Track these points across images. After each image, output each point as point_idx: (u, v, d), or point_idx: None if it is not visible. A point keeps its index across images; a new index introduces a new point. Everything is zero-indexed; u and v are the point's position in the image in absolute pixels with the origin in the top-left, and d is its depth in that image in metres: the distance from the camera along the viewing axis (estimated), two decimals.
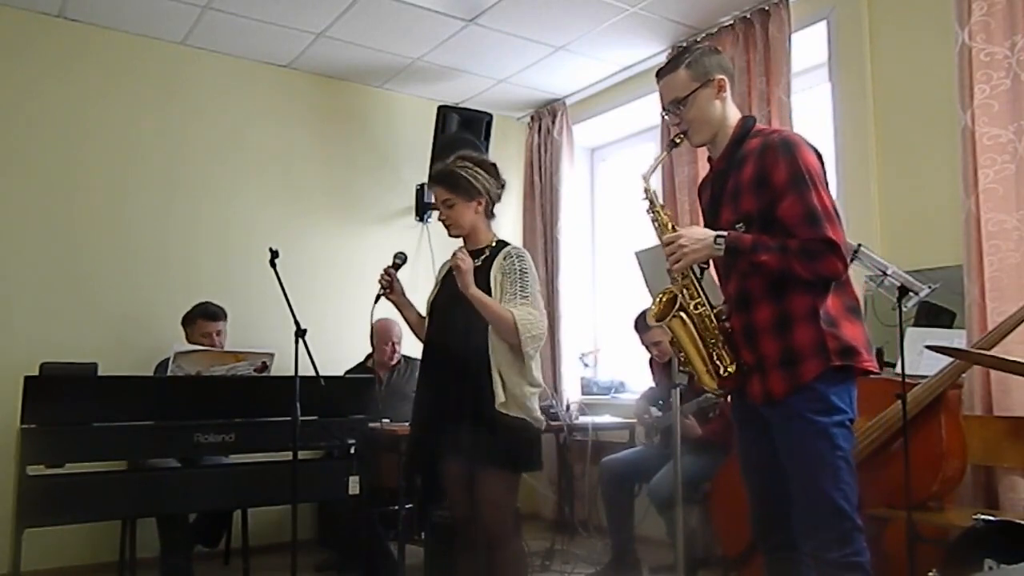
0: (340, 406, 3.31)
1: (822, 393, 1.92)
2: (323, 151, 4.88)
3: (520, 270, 2.56)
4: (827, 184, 2.00)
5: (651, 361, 3.98)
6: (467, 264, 2.48)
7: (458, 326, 2.54)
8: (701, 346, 2.05)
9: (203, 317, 3.89)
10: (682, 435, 3.04)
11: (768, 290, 1.99)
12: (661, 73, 2.20)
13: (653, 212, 2.15)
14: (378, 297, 2.67)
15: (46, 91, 4.08)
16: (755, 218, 1.99)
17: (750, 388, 2.03)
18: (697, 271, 2.08)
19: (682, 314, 2.04)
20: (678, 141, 2.18)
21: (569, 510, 4.61)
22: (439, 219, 2.69)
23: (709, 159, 2.22)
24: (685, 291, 2.06)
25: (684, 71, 2.12)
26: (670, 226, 2.11)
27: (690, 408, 3.50)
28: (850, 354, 1.93)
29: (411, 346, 3.25)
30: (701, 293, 2.07)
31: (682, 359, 2.12)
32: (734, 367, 2.04)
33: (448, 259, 2.78)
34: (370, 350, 4.23)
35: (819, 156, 2.03)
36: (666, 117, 2.22)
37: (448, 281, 2.67)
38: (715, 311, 2.07)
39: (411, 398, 4.06)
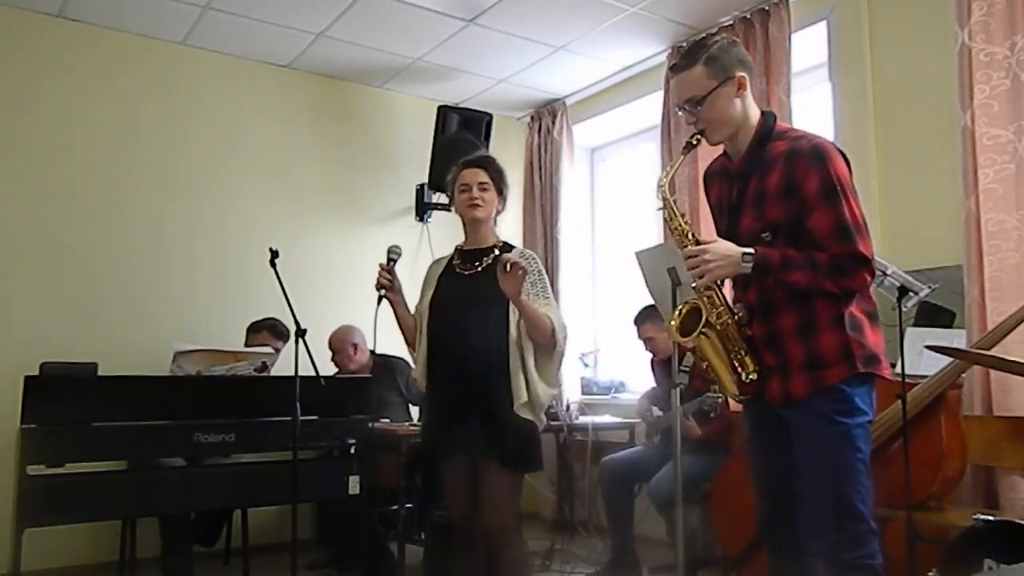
0: (340, 406, 3.30)
1: (848, 395, 1.90)
2: (323, 151, 4.88)
3: (538, 271, 2.62)
4: (855, 192, 1.96)
5: (652, 360, 3.98)
6: (521, 271, 2.41)
7: (470, 322, 2.52)
8: (725, 357, 2.01)
9: (271, 331, 3.92)
10: (682, 436, 3.04)
11: (792, 298, 1.95)
12: (676, 68, 2.09)
13: (673, 221, 2.07)
14: (380, 299, 2.61)
15: (46, 91, 4.08)
16: (781, 227, 1.95)
17: (768, 389, 2.00)
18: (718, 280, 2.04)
19: (707, 331, 1.99)
20: (695, 143, 2.07)
21: (569, 510, 4.60)
22: (468, 201, 2.62)
23: (725, 153, 2.15)
24: (707, 300, 2.00)
25: (701, 68, 2.00)
26: (690, 235, 2.03)
27: (690, 408, 3.49)
28: (873, 362, 1.92)
29: (388, 344, 3.19)
30: (723, 302, 2.02)
31: (705, 367, 2.08)
32: (756, 374, 2.01)
33: (438, 259, 2.80)
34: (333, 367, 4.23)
35: (847, 163, 1.99)
36: (680, 115, 2.14)
37: (448, 281, 2.66)
38: (736, 318, 2.02)
39: (394, 402, 4.08)
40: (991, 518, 2.21)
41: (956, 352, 2.52)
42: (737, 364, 2.02)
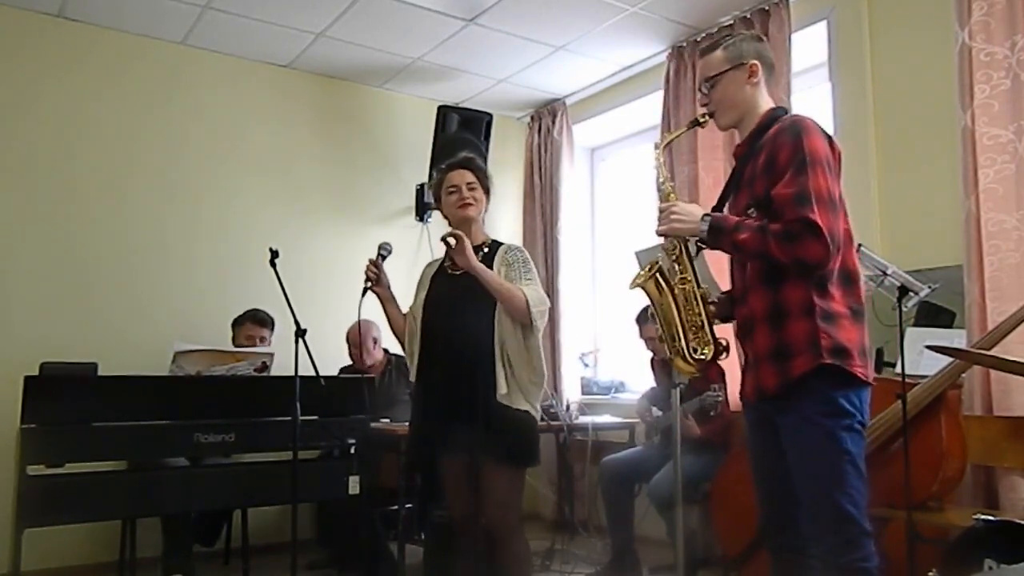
0: (340, 406, 3.30)
1: (829, 395, 1.89)
2: (323, 151, 4.88)
3: (523, 260, 2.64)
4: (835, 173, 1.97)
5: (652, 360, 3.98)
6: (465, 239, 2.47)
7: (461, 320, 2.54)
8: (677, 320, 2.04)
9: (252, 320, 3.93)
10: (682, 435, 3.04)
11: (763, 278, 1.97)
12: (703, 51, 2.20)
13: (660, 182, 2.15)
14: (365, 291, 2.66)
15: (46, 91, 4.08)
16: (762, 201, 1.97)
17: (743, 386, 2.03)
18: (692, 249, 2.07)
19: (659, 277, 2.04)
20: (701, 120, 2.17)
21: (569, 510, 4.60)
22: (459, 202, 2.64)
23: (737, 146, 2.20)
24: (676, 265, 2.06)
25: (721, 52, 2.11)
26: (670, 197, 2.12)
27: (691, 407, 3.49)
28: (841, 355, 1.88)
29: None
30: (690, 270, 2.06)
31: (659, 334, 2.11)
32: (710, 351, 2.02)
33: (431, 262, 2.81)
34: (349, 361, 4.26)
35: (831, 143, 2.00)
36: (699, 96, 2.21)
37: (441, 278, 2.68)
38: (701, 291, 2.05)
39: (404, 400, 4.09)
40: (991, 518, 2.21)
41: (956, 352, 2.52)
42: (692, 336, 2.03)
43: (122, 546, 3.54)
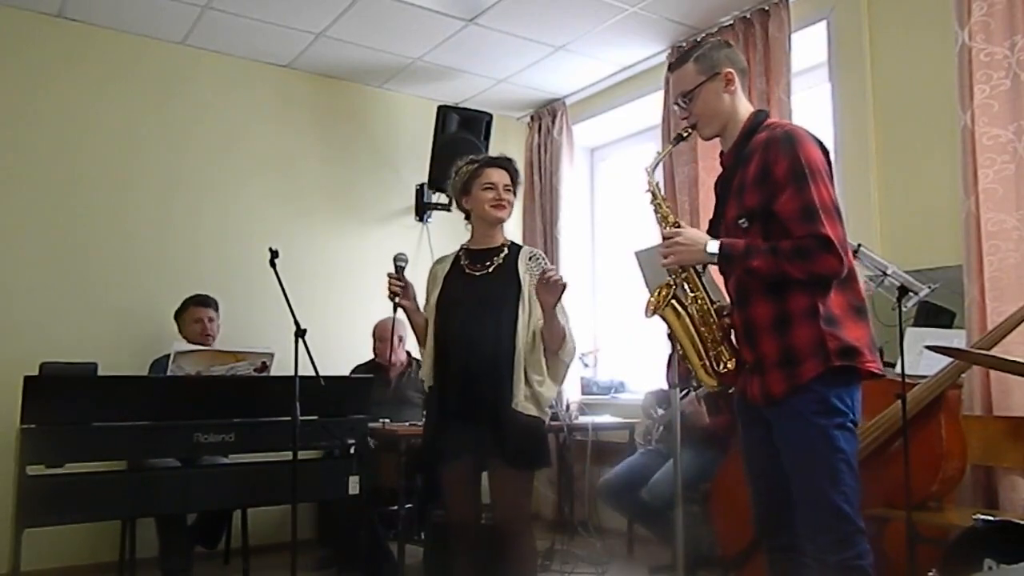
0: (340, 406, 3.30)
1: (822, 394, 1.89)
2: (323, 151, 4.88)
3: None
4: (831, 178, 1.97)
5: (670, 357, 3.94)
6: (564, 286, 2.49)
7: (486, 326, 2.51)
8: (698, 340, 2.04)
9: (194, 303, 3.93)
10: (688, 423, 2.98)
11: (766, 287, 1.97)
12: (672, 67, 2.20)
13: (655, 204, 2.16)
14: (396, 307, 2.61)
15: (46, 91, 4.08)
16: (757, 213, 1.97)
17: (750, 389, 2.01)
18: (698, 266, 2.08)
19: (675, 303, 2.04)
20: (685, 135, 2.18)
21: (569, 510, 4.60)
22: (496, 201, 2.62)
23: (721, 153, 2.19)
24: (685, 284, 2.06)
25: (692, 65, 2.11)
26: (671, 220, 2.11)
27: (703, 391, 3.46)
28: (851, 355, 1.90)
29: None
30: (701, 287, 2.06)
31: (680, 353, 2.11)
32: (733, 363, 2.02)
33: (440, 259, 2.78)
34: (370, 356, 4.27)
35: (823, 149, 2.00)
36: (676, 111, 2.22)
37: (457, 281, 2.63)
38: (715, 306, 2.06)
39: (414, 403, 4.09)
40: (991, 518, 2.21)
41: (956, 352, 2.52)
42: (712, 352, 2.04)
43: (122, 546, 3.54)
